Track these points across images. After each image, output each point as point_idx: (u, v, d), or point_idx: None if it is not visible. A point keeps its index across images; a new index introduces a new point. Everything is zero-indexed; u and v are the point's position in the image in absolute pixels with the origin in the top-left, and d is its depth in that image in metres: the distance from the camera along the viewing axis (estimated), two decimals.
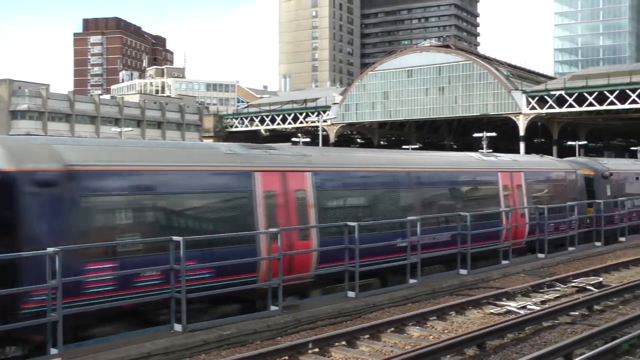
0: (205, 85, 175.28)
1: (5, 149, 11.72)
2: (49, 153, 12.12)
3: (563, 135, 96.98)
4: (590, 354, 10.96)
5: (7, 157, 11.52)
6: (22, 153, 11.84)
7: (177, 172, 13.76)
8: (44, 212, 11.63)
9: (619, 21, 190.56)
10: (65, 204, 11.90)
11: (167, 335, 12.05)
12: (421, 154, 31.24)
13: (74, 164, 12.11)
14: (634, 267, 21.82)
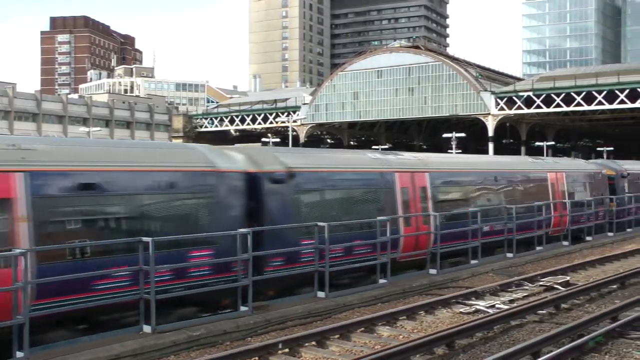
0: (175, 85, 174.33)
1: (248, 157, 16.17)
2: (275, 159, 16.77)
3: (531, 135, 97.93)
4: (557, 352, 11.08)
5: (250, 163, 15.97)
6: (260, 159, 16.42)
7: (352, 173, 19.00)
8: (276, 200, 16.15)
9: (586, 24, 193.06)
10: (287, 194, 16.42)
11: (136, 337, 11.95)
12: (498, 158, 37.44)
13: (292, 167, 16.58)
14: (600, 265, 22.10)
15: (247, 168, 15.65)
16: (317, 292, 15.71)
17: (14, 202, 11.37)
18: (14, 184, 11.42)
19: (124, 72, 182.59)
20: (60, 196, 12.10)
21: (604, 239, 29.44)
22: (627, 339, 12.53)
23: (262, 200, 15.78)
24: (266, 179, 15.84)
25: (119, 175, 13.04)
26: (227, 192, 14.88)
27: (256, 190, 15.63)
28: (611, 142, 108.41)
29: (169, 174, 13.88)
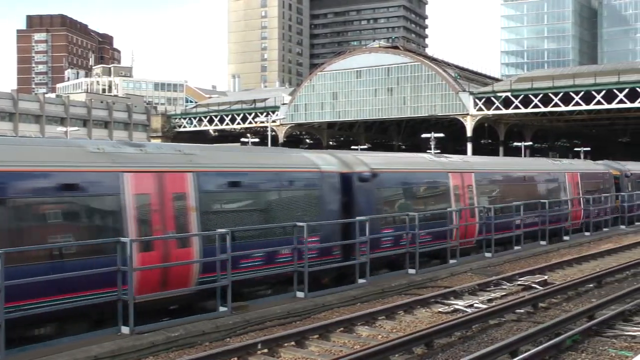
0: (153, 85, 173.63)
1: (339, 160, 19.23)
2: (361, 162, 19.95)
3: (509, 136, 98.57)
4: (535, 351, 11.15)
5: (343, 165, 19.08)
6: (350, 162, 19.58)
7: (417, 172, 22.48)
8: (363, 194, 19.20)
9: (563, 25, 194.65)
10: (371, 191, 19.51)
11: (114, 338, 11.88)
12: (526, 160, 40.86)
13: (374, 168, 19.78)
14: (577, 265, 22.28)
15: (341, 169, 18.85)
16: (297, 292, 15.71)
17: (187, 196, 14.45)
18: (186, 182, 14.46)
19: (102, 72, 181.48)
20: (217, 191, 15.35)
21: (581, 238, 29.71)
22: (603, 337, 12.65)
23: (352, 195, 18.95)
24: (356, 178, 19.11)
25: (257, 175, 16.39)
26: (328, 188, 18.07)
27: (348, 187, 18.80)
28: (588, 143, 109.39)
29: (289, 174, 17.26)
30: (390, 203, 20.82)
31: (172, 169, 14.41)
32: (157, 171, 14.09)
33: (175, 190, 14.24)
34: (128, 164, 13.69)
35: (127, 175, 13.42)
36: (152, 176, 13.92)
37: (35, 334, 11.96)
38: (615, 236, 31.14)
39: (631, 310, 14.49)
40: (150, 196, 13.75)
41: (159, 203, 13.91)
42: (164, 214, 13.99)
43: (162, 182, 14.04)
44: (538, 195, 28.43)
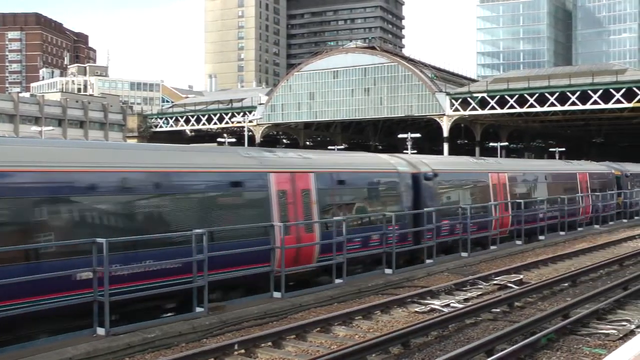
0: (129, 84, 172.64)
1: (408, 162, 23.20)
2: (425, 164, 23.85)
3: (485, 136, 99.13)
4: (511, 350, 11.22)
5: (411, 166, 22.93)
6: (417, 164, 23.48)
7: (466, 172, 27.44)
8: (427, 190, 23.15)
9: (538, 27, 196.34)
10: (433, 187, 23.59)
11: (89, 340, 11.77)
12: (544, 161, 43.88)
13: (434, 168, 23.69)
14: (552, 264, 22.46)
15: (411, 170, 22.82)
16: (273, 293, 15.68)
17: (310, 192, 18.19)
18: (309, 180, 18.19)
19: (78, 71, 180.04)
20: (329, 188, 19.04)
21: (556, 238, 29.92)
22: (578, 335, 12.77)
23: (419, 191, 22.79)
24: (422, 177, 23.05)
25: (357, 174, 20.56)
26: (403, 185, 22.11)
27: (417, 184, 22.67)
28: (563, 143, 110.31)
29: (378, 174, 21.59)
30: (446, 198, 25.09)
31: (299, 170, 18.19)
32: (290, 171, 17.79)
33: (302, 187, 17.97)
34: (271, 166, 17.46)
35: (272, 175, 17.09)
36: (288, 175, 17.59)
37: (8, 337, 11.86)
38: (589, 236, 31.43)
39: (605, 309, 14.63)
40: (287, 191, 17.42)
41: (293, 196, 17.57)
42: (296, 205, 17.68)
43: (294, 180, 17.69)
44: (557, 192, 32.45)
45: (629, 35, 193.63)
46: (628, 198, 40.51)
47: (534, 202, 29.66)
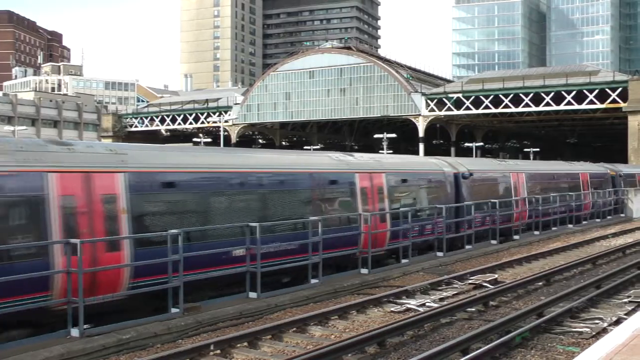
0: (104, 84, 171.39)
1: (449, 164, 26.99)
2: (462, 165, 27.65)
3: (461, 136, 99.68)
4: (486, 348, 11.28)
5: (451, 167, 26.82)
6: (456, 165, 27.32)
7: (494, 172, 31.31)
8: (465, 188, 26.93)
9: (513, 28, 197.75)
10: (469, 185, 27.27)
11: (63, 341, 11.65)
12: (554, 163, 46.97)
13: (470, 169, 27.57)
14: (527, 263, 22.62)
15: (452, 170, 26.80)
16: (249, 293, 15.64)
17: (383, 189, 21.92)
18: (382, 179, 22.05)
19: (51, 70, 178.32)
20: (396, 186, 22.87)
21: (530, 237, 30.17)
22: (552, 333, 12.87)
23: (459, 188, 26.74)
24: (460, 176, 26.91)
25: (416, 174, 24.79)
26: (447, 183, 26.18)
27: (457, 182, 26.69)
28: (537, 143, 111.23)
29: (431, 174, 25.70)
30: (479, 194, 28.13)
31: (375, 171, 21.96)
32: (369, 172, 21.59)
33: (377, 184, 21.72)
34: (356, 168, 21.22)
35: (357, 174, 20.93)
36: (367, 175, 21.40)
37: None
38: (563, 235, 31.72)
39: (578, 307, 14.76)
40: (367, 188, 21.16)
41: (371, 192, 21.41)
42: (374, 199, 21.57)
43: (372, 179, 21.53)
44: (565, 189, 36.54)
45: (602, 37, 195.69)
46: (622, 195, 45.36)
47: (547, 198, 33.18)
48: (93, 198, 13.33)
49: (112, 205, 13.66)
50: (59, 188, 12.75)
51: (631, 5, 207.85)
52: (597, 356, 7.38)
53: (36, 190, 12.42)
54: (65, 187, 12.89)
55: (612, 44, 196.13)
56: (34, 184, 12.41)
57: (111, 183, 13.70)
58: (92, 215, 13.26)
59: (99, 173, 13.61)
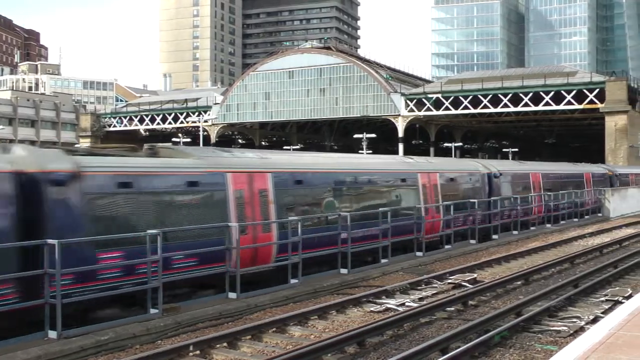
0: (82, 83, 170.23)
1: (483, 165, 31.24)
2: (493, 165, 31.93)
3: (440, 136, 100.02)
4: (465, 347, 11.33)
5: (485, 167, 30.77)
6: (488, 166, 31.36)
7: (517, 172, 35.72)
8: (495, 186, 31.04)
9: (492, 29, 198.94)
10: (499, 183, 31.59)
11: (41, 343, 11.54)
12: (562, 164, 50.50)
13: (499, 169, 31.81)
14: (506, 263, 22.75)
15: (486, 170, 31.11)
16: (229, 293, 15.59)
17: (437, 185, 26.58)
18: (437, 178, 26.72)
19: (28, 69, 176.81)
20: (446, 183, 27.44)
21: (509, 237, 30.33)
22: (530, 332, 12.95)
23: (491, 185, 31.01)
24: (492, 175, 31.23)
25: (459, 174, 29.33)
26: (482, 182, 30.50)
27: (490, 181, 31.04)
28: (516, 143, 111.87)
29: (470, 174, 30.10)
30: (506, 190, 32.57)
31: (431, 171, 26.74)
32: (427, 172, 26.39)
33: (433, 182, 26.42)
34: (419, 169, 26.05)
35: (419, 174, 25.67)
36: (426, 175, 26.14)
37: None
38: (541, 235, 31.94)
39: (556, 306, 14.87)
40: (426, 185, 25.77)
41: (429, 188, 25.97)
42: (430, 194, 25.91)
43: (429, 177, 26.24)
44: (573, 187, 40.64)
45: (579, 39, 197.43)
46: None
47: (559, 195, 37.55)
48: (253, 191, 17.70)
49: (265, 197, 18.04)
50: (233, 184, 17.08)
51: (608, 7, 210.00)
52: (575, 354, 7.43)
53: (221, 185, 16.76)
54: (237, 183, 17.21)
55: (590, 45, 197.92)
56: (219, 180, 16.79)
57: (264, 180, 18.08)
58: (253, 204, 17.63)
59: (256, 173, 18.06)
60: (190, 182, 15.93)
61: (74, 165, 13.57)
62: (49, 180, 12.95)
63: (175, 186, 15.67)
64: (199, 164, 16.57)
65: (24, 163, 12.96)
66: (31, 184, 12.74)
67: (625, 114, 74.71)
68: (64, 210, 13.24)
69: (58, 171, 13.19)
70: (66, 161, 13.66)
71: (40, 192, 12.84)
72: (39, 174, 12.90)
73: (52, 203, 13.01)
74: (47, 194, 12.91)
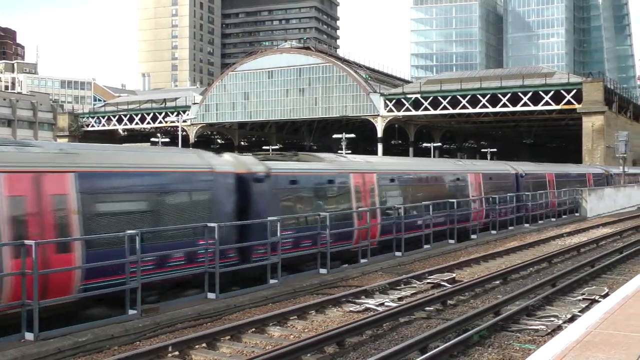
0: (60, 82, 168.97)
1: (511, 166, 37.58)
2: (519, 167, 38.42)
3: (419, 137, 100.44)
4: (444, 347, 11.36)
5: (512, 169, 37.29)
6: (516, 167, 37.97)
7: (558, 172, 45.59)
8: (522, 184, 37.32)
9: (470, 30, 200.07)
10: (525, 182, 37.69)
11: (17, 345, 11.42)
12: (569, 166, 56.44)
13: (524, 169, 38.59)
14: (484, 262, 22.84)
15: (513, 171, 37.03)
16: (208, 294, 15.53)
17: (480, 183, 32.26)
18: (480, 177, 32.60)
19: (5, 68, 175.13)
20: (487, 182, 32.48)
21: (488, 237, 30.47)
22: (509, 331, 13.02)
23: (518, 183, 36.83)
24: (519, 175, 37.09)
25: (495, 173, 34.76)
26: (512, 180, 36.28)
27: (517, 180, 36.75)
28: (495, 144, 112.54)
29: (503, 173, 35.72)
30: (528, 188, 37.72)
31: (476, 171, 32.70)
32: (474, 172, 31.92)
33: (478, 181, 32.00)
34: (467, 169, 31.97)
35: (468, 174, 31.63)
36: (473, 174, 31.98)
37: None
38: (519, 234, 32.11)
39: (534, 305, 14.96)
40: (473, 183, 32.14)
41: (476, 185, 32.23)
42: (477, 190, 32.16)
43: (476, 177, 32.17)
44: (579, 185, 46.26)
45: (557, 40, 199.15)
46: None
47: (568, 192, 42.99)
48: (366, 186, 23.79)
49: (373, 190, 24.23)
50: (354, 181, 23.06)
51: (585, 9, 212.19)
52: (552, 353, 7.48)
53: (346, 182, 22.87)
54: (355, 180, 23.17)
55: (567, 46, 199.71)
56: (345, 178, 22.89)
57: (372, 179, 24.25)
58: (365, 196, 23.65)
59: (367, 173, 24.19)
60: (329, 180, 22.22)
61: (267, 168, 19.26)
62: (253, 178, 18.53)
63: (321, 183, 21.94)
64: (332, 167, 22.88)
65: (237, 166, 18.38)
66: (243, 180, 18.09)
67: (602, 114, 75.47)
68: (261, 198, 18.84)
69: (259, 172, 18.84)
70: (262, 165, 19.33)
71: (248, 185, 18.27)
72: (247, 174, 18.39)
73: (255, 194, 18.50)
74: (252, 187, 18.41)
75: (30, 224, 12.94)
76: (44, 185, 13.25)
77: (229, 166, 17.93)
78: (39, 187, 13.17)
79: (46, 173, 13.43)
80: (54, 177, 13.51)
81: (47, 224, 13.21)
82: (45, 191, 13.26)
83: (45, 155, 14.09)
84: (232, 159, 18.98)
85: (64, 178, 13.60)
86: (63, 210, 13.55)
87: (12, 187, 12.73)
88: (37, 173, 13.25)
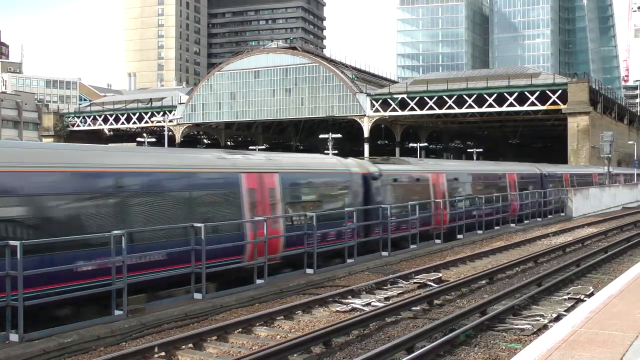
0: (45, 82, 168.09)
1: (537, 167, 44.32)
2: (539, 167, 44.66)
3: (405, 137, 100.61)
4: (430, 347, 11.39)
5: (538, 169, 43.66)
6: (542, 168, 44.35)
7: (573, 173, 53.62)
8: (547, 183, 43.33)
9: (457, 30, 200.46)
10: (548, 181, 44.01)
11: (2, 346, 11.34)
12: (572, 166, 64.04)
13: (548, 170, 45.29)
14: (470, 262, 22.91)
15: (538, 172, 42.82)
16: (194, 294, 15.49)
17: (515, 182, 38.10)
18: (515, 177, 38.29)
19: None
20: (521, 180, 39.53)
21: (474, 236, 30.55)
22: (495, 331, 13.06)
23: (542, 182, 42.27)
24: (543, 175, 43.22)
25: (526, 173, 41.10)
26: (539, 179, 41.87)
27: (542, 179, 42.51)
28: (481, 144, 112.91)
29: (530, 174, 41.78)
30: (551, 185, 43.56)
31: (511, 172, 37.48)
32: (509, 172, 37.06)
33: (513, 179, 37.17)
34: (505, 169, 38.31)
35: (507, 174, 37.43)
36: (512, 174, 37.47)
37: None
38: (505, 234, 32.23)
39: (520, 305, 15.02)
40: (510, 181, 36.78)
41: (512, 183, 36.88)
42: (514, 188, 36.61)
43: (511, 177, 36.67)
44: (588, 184, 52.37)
45: (542, 41, 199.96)
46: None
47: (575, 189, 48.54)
48: (439, 184, 29.47)
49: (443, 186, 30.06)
50: (433, 180, 28.96)
51: (570, 10, 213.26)
52: (538, 352, 7.52)
53: (427, 180, 28.82)
54: (434, 179, 29.09)
55: (552, 47, 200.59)
56: (428, 177, 29.01)
57: (444, 178, 30.17)
58: (442, 191, 29.66)
59: (439, 174, 29.61)
60: (417, 178, 28.64)
61: (378, 169, 25.32)
62: (372, 177, 24.66)
63: (412, 180, 28.38)
64: (417, 169, 29.65)
65: (362, 168, 24.68)
66: (365, 179, 24.32)
67: (587, 115, 75.89)
68: (377, 192, 24.96)
69: (375, 172, 24.96)
70: (375, 167, 25.42)
71: (369, 182, 24.40)
72: (367, 174, 24.60)
73: (373, 189, 24.64)
74: (370, 184, 24.49)
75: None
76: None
77: (357, 167, 24.35)
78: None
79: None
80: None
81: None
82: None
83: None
84: (356, 162, 25.47)
85: (272, 177, 19.76)
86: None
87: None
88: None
